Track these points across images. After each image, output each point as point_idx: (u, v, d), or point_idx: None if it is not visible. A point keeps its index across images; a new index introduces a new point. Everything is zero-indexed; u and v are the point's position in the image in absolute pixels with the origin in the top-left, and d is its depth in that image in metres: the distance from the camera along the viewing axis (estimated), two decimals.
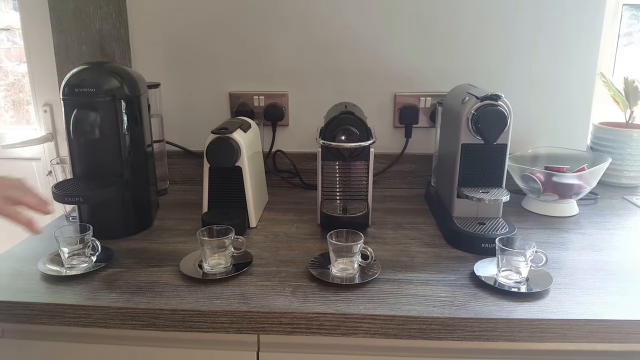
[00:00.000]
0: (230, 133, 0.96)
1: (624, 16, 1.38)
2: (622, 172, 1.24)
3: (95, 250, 0.85)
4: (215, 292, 0.76)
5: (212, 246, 0.81)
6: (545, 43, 1.21)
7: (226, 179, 1.00)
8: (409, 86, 1.26)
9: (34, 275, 0.81)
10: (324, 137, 0.97)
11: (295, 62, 1.25)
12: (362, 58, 1.24)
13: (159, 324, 0.73)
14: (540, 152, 1.19)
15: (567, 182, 1.05)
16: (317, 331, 0.72)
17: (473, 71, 1.24)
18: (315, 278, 0.79)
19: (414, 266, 0.85)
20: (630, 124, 1.27)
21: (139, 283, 0.79)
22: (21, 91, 1.59)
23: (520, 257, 0.76)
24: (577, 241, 0.95)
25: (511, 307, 0.72)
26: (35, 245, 0.93)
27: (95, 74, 0.91)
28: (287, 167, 1.29)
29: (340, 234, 0.81)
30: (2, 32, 1.55)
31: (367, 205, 1.00)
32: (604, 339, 0.70)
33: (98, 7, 1.22)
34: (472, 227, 0.93)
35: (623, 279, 0.80)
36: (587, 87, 1.24)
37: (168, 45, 1.26)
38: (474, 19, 1.20)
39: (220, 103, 1.29)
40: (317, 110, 1.23)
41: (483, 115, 0.89)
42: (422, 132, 1.28)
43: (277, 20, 1.23)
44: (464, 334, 0.70)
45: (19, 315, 0.75)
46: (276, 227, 1.02)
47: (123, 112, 0.92)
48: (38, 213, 0.80)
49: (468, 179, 0.96)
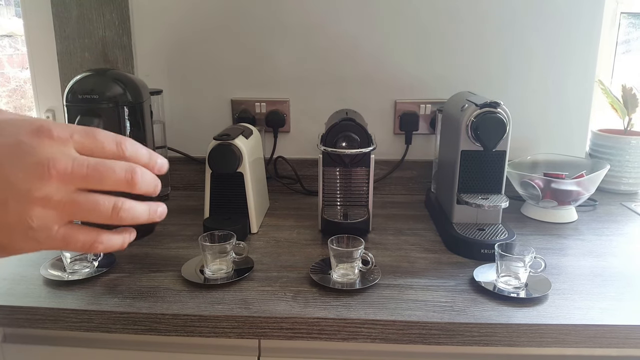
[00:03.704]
0: (232, 139, 0.97)
1: (621, 24, 1.40)
2: (621, 179, 1.25)
3: (97, 255, 0.85)
4: (216, 297, 0.77)
5: (213, 251, 0.82)
6: (544, 51, 1.22)
7: (228, 185, 1.01)
8: (409, 93, 1.27)
9: (36, 280, 0.82)
10: (325, 143, 0.98)
11: (297, 70, 1.26)
12: (363, 65, 1.25)
13: (160, 329, 0.73)
14: (539, 158, 1.20)
15: (566, 188, 1.05)
16: (318, 336, 0.72)
17: (472, 79, 1.25)
18: (316, 283, 0.80)
19: (414, 272, 0.85)
20: (629, 131, 1.28)
21: (140, 288, 0.80)
22: (23, 97, 1.60)
23: (520, 263, 0.77)
24: (575, 247, 0.95)
25: (510, 312, 0.72)
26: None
27: (98, 81, 0.92)
28: (288, 173, 1.30)
29: (341, 239, 0.82)
30: (5, 39, 1.56)
31: (368, 211, 1.01)
32: (602, 344, 0.70)
33: (101, 15, 1.24)
34: (472, 233, 0.93)
35: (621, 285, 0.80)
36: (586, 94, 1.25)
37: (170, 53, 1.27)
38: (473, 28, 1.21)
39: (222, 110, 1.30)
40: (318, 117, 1.24)
41: (482, 122, 0.89)
42: (422, 139, 1.29)
43: (279, 28, 1.24)
44: (464, 339, 0.71)
45: (21, 320, 0.75)
46: (277, 233, 1.03)
47: (126, 119, 0.93)
48: None
49: (468, 186, 0.97)
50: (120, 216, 0.38)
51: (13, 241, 0.35)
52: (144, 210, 0.40)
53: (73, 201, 0.36)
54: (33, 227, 0.35)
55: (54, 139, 0.35)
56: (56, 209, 0.35)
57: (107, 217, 0.37)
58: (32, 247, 0.36)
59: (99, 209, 0.37)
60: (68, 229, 0.37)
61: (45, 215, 0.35)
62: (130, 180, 0.38)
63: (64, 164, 0.35)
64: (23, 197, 0.34)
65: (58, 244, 0.37)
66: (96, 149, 0.37)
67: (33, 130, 0.35)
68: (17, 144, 0.34)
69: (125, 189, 0.38)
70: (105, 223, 0.38)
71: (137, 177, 0.38)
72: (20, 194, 0.34)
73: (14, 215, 0.34)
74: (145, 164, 0.40)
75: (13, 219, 0.34)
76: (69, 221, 0.37)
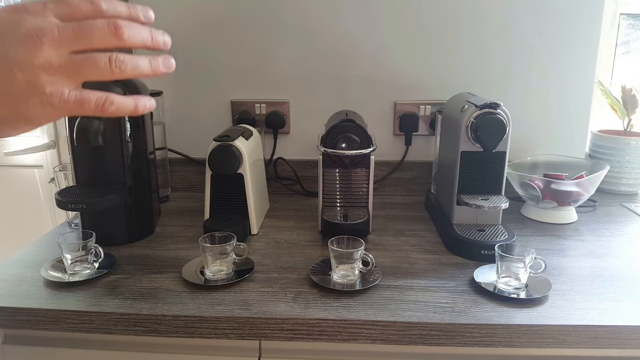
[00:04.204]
0: (232, 140, 0.97)
1: (621, 25, 1.40)
2: (621, 180, 1.25)
3: (98, 256, 0.86)
4: (217, 298, 0.77)
5: (213, 253, 0.82)
6: (543, 52, 1.22)
7: (228, 186, 1.01)
8: (409, 94, 1.27)
9: (36, 282, 0.82)
10: (325, 144, 0.98)
11: (297, 71, 1.27)
12: (363, 67, 1.25)
13: (161, 330, 0.73)
14: (539, 159, 1.20)
15: (566, 189, 1.06)
16: (319, 337, 0.72)
17: (472, 80, 1.25)
18: (317, 284, 0.80)
19: (414, 272, 0.85)
20: (628, 132, 1.28)
21: (141, 289, 0.80)
22: None
23: (520, 264, 0.77)
24: (575, 248, 0.96)
25: (511, 313, 0.72)
26: (38, 252, 0.93)
27: (98, 82, 0.92)
28: (288, 174, 1.30)
29: (341, 240, 0.82)
30: None
31: (368, 212, 1.01)
32: (602, 345, 0.70)
33: None
34: (472, 234, 0.94)
35: (621, 285, 0.81)
36: (586, 95, 1.25)
37: (170, 53, 1.27)
38: (473, 29, 1.22)
39: (222, 111, 1.30)
40: (318, 118, 1.24)
41: (482, 123, 0.90)
42: (422, 140, 1.29)
43: (279, 29, 1.24)
44: (464, 340, 0.71)
45: (21, 322, 0.75)
46: (277, 234, 1.03)
47: (126, 120, 0.93)
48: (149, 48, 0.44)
49: (467, 187, 0.97)
50: (120, 67, 0.40)
51: (32, 110, 0.39)
52: (145, 60, 0.43)
53: (72, 61, 0.39)
54: (46, 92, 0.38)
55: (31, 12, 0.39)
56: (60, 73, 0.39)
57: (107, 71, 0.40)
58: (50, 114, 0.40)
59: (97, 63, 0.40)
60: (79, 91, 0.40)
61: (53, 80, 0.39)
62: (115, 32, 0.40)
63: (50, 31, 0.38)
64: (27, 67, 0.38)
65: (72, 106, 0.40)
66: (73, 13, 0.40)
67: (10, 10, 0.39)
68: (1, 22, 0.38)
69: (114, 42, 0.40)
70: (109, 78, 0.40)
71: (121, 27, 0.40)
72: (23, 64, 0.38)
73: (25, 84, 0.38)
74: (127, 17, 0.42)
75: (25, 88, 0.38)
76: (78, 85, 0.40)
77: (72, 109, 0.40)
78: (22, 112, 0.39)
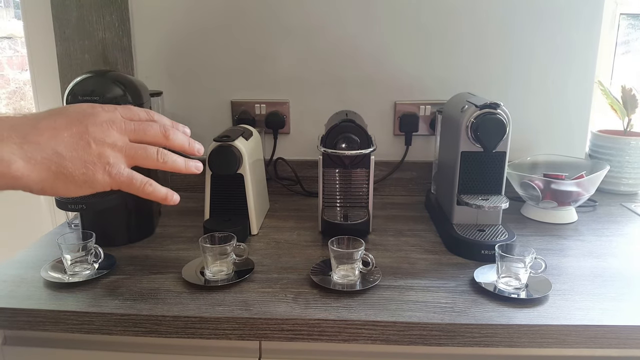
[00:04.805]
0: (232, 141, 0.97)
1: (621, 25, 1.40)
2: (621, 180, 1.25)
3: (98, 257, 0.85)
4: (217, 298, 0.77)
5: (214, 253, 0.82)
6: (543, 52, 1.22)
7: (228, 186, 1.01)
8: (409, 95, 1.27)
9: (36, 282, 0.82)
10: (325, 144, 0.98)
11: (297, 71, 1.26)
12: (363, 67, 1.25)
13: (161, 331, 0.73)
14: (539, 159, 1.20)
15: (566, 189, 1.06)
16: (319, 337, 0.72)
17: (472, 80, 1.25)
18: (317, 285, 0.80)
19: (414, 273, 0.85)
20: (628, 132, 1.28)
21: (141, 290, 0.80)
22: (23, 99, 1.60)
23: (520, 264, 0.77)
24: (576, 248, 0.96)
25: (511, 313, 0.72)
26: (37, 253, 0.93)
27: (98, 83, 0.92)
28: (288, 175, 1.30)
29: (341, 240, 0.82)
30: (4, 41, 1.56)
31: (368, 212, 1.01)
32: (602, 344, 0.70)
33: (101, 16, 1.24)
34: (472, 234, 0.94)
35: (622, 285, 0.81)
36: (586, 95, 1.25)
37: (170, 54, 1.27)
38: (473, 29, 1.22)
39: (222, 111, 1.30)
40: (318, 118, 1.24)
41: (482, 123, 0.90)
42: (422, 140, 1.29)
43: (279, 29, 1.24)
44: (464, 340, 0.71)
45: (21, 323, 0.75)
46: (277, 234, 1.03)
47: None
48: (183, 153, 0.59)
49: (468, 187, 0.97)
50: (163, 159, 0.55)
51: (96, 174, 0.51)
52: (182, 159, 0.57)
53: (130, 146, 0.53)
54: (110, 162, 0.51)
55: (106, 110, 0.54)
56: (121, 152, 0.52)
57: (154, 159, 0.54)
58: (106, 182, 0.52)
59: (147, 151, 0.54)
60: (131, 171, 0.53)
61: (115, 155, 0.52)
62: (164, 134, 0.56)
63: (119, 122, 0.54)
64: (99, 142, 0.51)
65: (124, 179, 0.53)
66: (134, 116, 0.56)
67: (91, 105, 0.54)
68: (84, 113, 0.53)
69: (162, 141, 0.56)
70: (153, 166, 0.54)
71: (170, 131, 0.57)
72: (98, 140, 0.51)
73: (96, 155, 0.51)
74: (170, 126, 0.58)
75: (96, 157, 0.51)
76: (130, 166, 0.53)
77: (123, 183, 0.53)
78: (88, 176, 0.51)
